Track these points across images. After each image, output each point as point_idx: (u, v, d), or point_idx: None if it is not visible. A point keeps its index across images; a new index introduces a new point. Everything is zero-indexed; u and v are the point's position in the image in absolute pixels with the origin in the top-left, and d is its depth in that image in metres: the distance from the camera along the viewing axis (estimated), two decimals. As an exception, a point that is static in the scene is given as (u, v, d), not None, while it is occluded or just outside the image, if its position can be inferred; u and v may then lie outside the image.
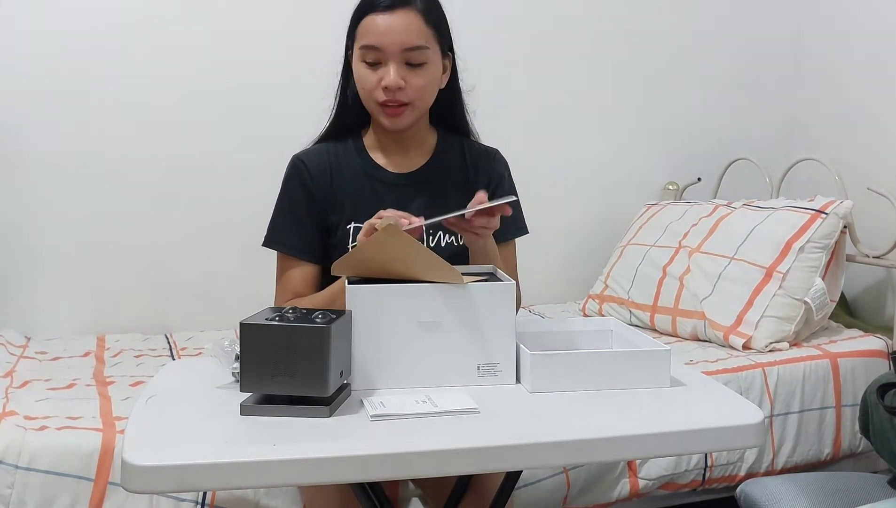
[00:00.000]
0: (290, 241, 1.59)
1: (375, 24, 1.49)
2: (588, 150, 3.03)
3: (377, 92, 1.51)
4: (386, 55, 1.49)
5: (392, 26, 1.48)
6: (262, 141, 2.64)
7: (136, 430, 1.11)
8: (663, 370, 1.28)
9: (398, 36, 1.48)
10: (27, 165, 2.49)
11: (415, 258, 1.25)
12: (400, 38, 1.48)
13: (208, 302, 2.65)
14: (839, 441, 2.21)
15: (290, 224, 1.59)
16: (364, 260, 1.28)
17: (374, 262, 1.28)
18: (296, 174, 1.61)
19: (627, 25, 3.02)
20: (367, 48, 1.50)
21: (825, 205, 2.41)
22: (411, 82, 1.50)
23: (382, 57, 1.49)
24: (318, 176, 1.59)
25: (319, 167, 1.60)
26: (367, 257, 1.28)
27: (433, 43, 1.53)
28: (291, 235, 1.59)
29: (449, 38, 1.59)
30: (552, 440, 1.09)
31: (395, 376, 1.25)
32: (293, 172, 1.61)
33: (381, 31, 1.48)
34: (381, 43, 1.48)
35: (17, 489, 1.56)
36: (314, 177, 1.59)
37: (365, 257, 1.28)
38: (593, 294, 2.78)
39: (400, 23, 1.48)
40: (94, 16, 2.50)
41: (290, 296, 1.57)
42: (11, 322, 2.47)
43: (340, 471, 1.05)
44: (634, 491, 1.98)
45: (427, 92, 1.55)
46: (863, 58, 2.87)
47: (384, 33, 1.48)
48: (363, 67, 1.52)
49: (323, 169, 1.60)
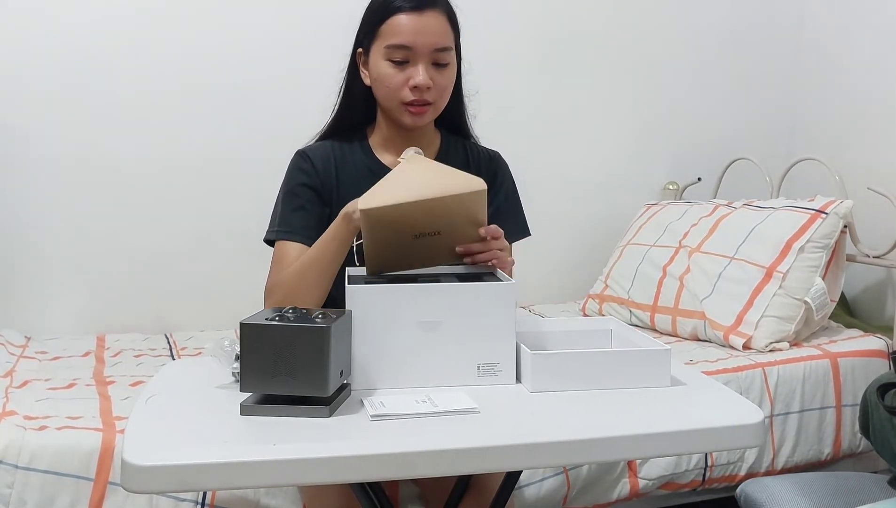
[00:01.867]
0: (289, 220, 1.57)
1: (405, 24, 1.50)
2: (588, 150, 3.03)
3: (404, 92, 1.51)
4: (416, 55, 1.50)
5: (423, 27, 1.50)
6: (263, 141, 2.63)
7: (136, 430, 1.11)
8: (663, 370, 1.28)
9: (429, 37, 1.50)
10: (28, 164, 2.49)
11: (439, 174, 1.29)
12: (431, 38, 1.50)
13: (208, 302, 2.65)
14: (839, 441, 2.21)
15: (295, 211, 1.58)
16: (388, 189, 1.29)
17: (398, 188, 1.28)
18: (300, 166, 1.60)
19: (627, 25, 3.01)
20: (397, 47, 1.50)
21: (825, 205, 2.41)
22: (437, 82, 1.52)
23: (412, 56, 1.50)
24: (323, 170, 1.59)
25: (324, 162, 1.60)
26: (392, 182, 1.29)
27: (453, 45, 1.55)
28: (291, 215, 1.57)
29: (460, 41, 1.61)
30: (552, 440, 1.09)
31: (395, 376, 1.25)
32: (298, 164, 1.61)
33: (413, 30, 1.49)
34: (413, 42, 1.49)
35: (17, 488, 1.56)
36: (319, 171, 1.59)
37: (390, 184, 1.29)
38: (593, 294, 2.78)
39: (430, 24, 1.50)
40: (94, 15, 2.50)
41: (288, 274, 1.51)
42: (11, 322, 2.47)
43: (340, 471, 1.05)
44: (634, 491, 1.98)
45: (448, 92, 1.57)
46: (863, 58, 2.87)
47: (416, 33, 1.49)
48: (388, 66, 1.52)
49: (327, 164, 1.59)
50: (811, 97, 3.11)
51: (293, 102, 2.62)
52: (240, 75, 2.63)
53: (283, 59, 2.66)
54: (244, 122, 2.65)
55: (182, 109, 2.60)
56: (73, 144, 2.52)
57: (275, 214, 1.61)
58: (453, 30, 1.55)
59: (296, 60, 2.66)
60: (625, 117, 3.06)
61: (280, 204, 1.61)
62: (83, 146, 2.53)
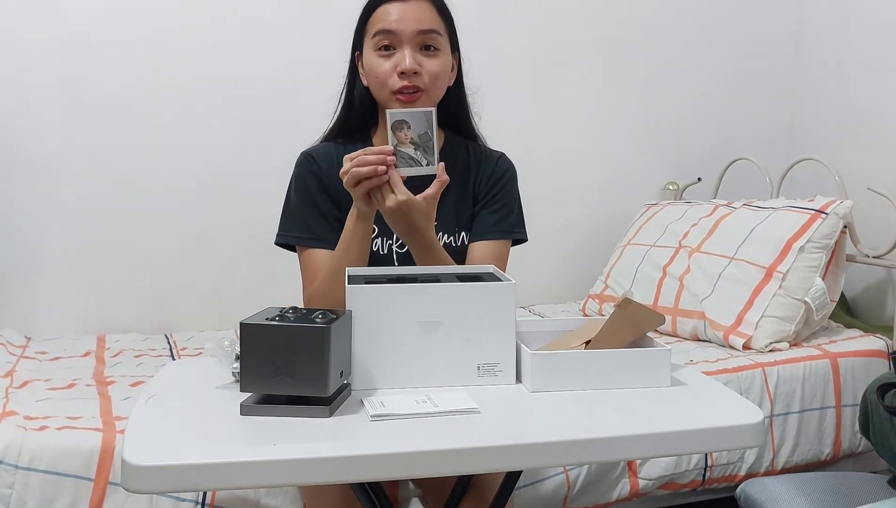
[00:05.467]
0: (312, 226, 1.56)
1: (389, 12, 1.52)
2: (588, 150, 3.03)
3: (392, 79, 1.51)
4: (400, 39, 1.51)
5: (406, 12, 1.51)
6: (263, 141, 2.64)
7: (136, 430, 1.11)
8: (663, 370, 1.28)
9: (412, 21, 1.51)
10: (27, 164, 2.49)
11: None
12: (414, 22, 1.51)
13: (208, 302, 2.65)
14: (839, 441, 2.21)
15: (308, 209, 1.57)
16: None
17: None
18: (306, 167, 1.60)
19: (627, 25, 3.02)
20: (381, 33, 1.51)
21: (825, 205, 2.41)
22: (426, 67, 1.52)
23: (396, 41, 1.51)
24: (328, 170, 1.58)
25: (328, 162, 1.59)
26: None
27: (444, 33, 1.55)
28: (312, 221, 1.57)
29: (456, 37, 1.61)
30: (552, 440, 1.09)
31: (395, 376, 1.25)
32: (303, 164, 1.61)
33: (395, 16, 1.51)
34: (396, 27, 1.50)
35: (17, 489, 1.56)
36: (324, 171, 1.59)
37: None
38: (593, 294, 2.78)
39: (413, 8, 1.52)
40: (94, 15, 2.50)
41: (322, 285, 1.50)
42: (11, 322, 2.47)
43: (340, 471, 1.05)
44: (634, 491, 1.98)
45: (440, 80, 1.55)
46: (863, 58, 2.87)
47: (398, 19, 1.51)
48: (376, 57, 1.52)
49: (332, 164, 1.59)
50: (811, 97, 3.11)
51: (294, 102, 2.62)
52: (241, 75, 2.63)
53: (283, 60, 2.66)
54: (244, 122, 2.65)
55: (182, 110, 2.60)
56: (74, 144, 2.52)
57: (288, 217, 1.60)
58: (442, 18, 1.56)
59: (297, 61, 2.66)
60: (625, 117, 3.06)
61: (294, 208, 1.59)
62: (83, 146, 2.53)
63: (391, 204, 1.37)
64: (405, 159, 1.38)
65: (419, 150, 1.39)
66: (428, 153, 1.39)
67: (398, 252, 1.58)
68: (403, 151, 1.38)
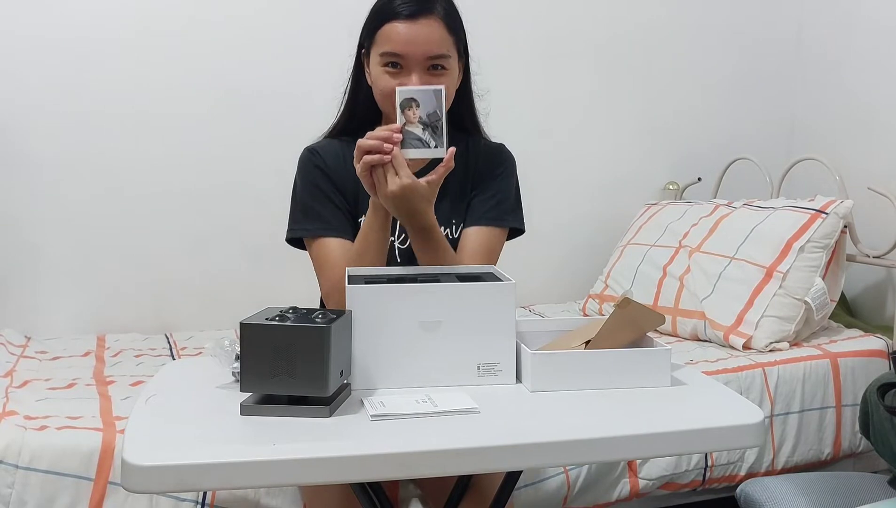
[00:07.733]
0: (324, 216, 1.54)
1: (398, 32, 1.48)
2: (588, 150, 3.03)
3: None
4: (409, 63, 1.48)
5: (415, 35, 1.47)
6: (263, 141, 2.64)
7: (136, 430, 1.11)
8: (663, 370, 1.28)
9: (422, 46, 1.47)
10: (27, 164, 2.49)
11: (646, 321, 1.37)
12: (424, 47, 1.47)
13: (208, 302, 2.65)
14: (839, 441, 2.21)
15: (317, 201, 1.55)
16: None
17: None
18: (311, 161, 1.59)
19: (627, 26, 3.02)
20: (389, 55, 1.49)
21: (825, 205, 2.41)
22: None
23: (405, 63, 1.48)
24: (333, 164, 1.58)
25: (333, 157, 1.59)
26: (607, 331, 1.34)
27: (453, 50, 1.52)
28: (323, 212, 1.55)
29: (465, 41, 1.58)
30: (552, 440, 1.09)
31: (395, 376, 1.25)
32: (308, 159, 1.59)
33: (404, 39, 1.47)
34: (404, 51, 1.47)
35: (17, 488, 1.56)
36: (329, 165, 1.58)
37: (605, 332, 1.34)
38: (593, 294, 2.78)
39: (423, 32, 1.47)
40: (94, 15, 2.50)
41: (342, 276, 1.41)
42: (11, 322, 2.47)
43: (340, 471, 1.05)
44: (635, 491, 1.98)
45: (447, 99, 1.54)
46: (863, 58, 2.87)
47: (407, 42, 1.47)
48: (383, 72, 1.50)
49: (337, 159, 1.58)
50: (811, 97, 3.11)
51: (294, 102, 2.62)
52: (240, 75, 2.63)
53: (283, 59, 2.66)
54: (244, 121, 2.65)
55: (182, 109, 2.60)
56: (73, 143, 2.52)
57: (297, 211, 1.58)
58: (453, 35, 1.52)
59: (296, 60, 2.65)
60: (625, 118, 3.06)
61: (303, 201, 1.57)
62: (83, 146, 2.53)
63: (394, 188, 1.33)
64: (412, 140, 1.32)
65: (427, 130, 1.33)
66: (437, 135, 1.33)
67: (399, 247, 1.58)
68: (411, 131, 1.32)
